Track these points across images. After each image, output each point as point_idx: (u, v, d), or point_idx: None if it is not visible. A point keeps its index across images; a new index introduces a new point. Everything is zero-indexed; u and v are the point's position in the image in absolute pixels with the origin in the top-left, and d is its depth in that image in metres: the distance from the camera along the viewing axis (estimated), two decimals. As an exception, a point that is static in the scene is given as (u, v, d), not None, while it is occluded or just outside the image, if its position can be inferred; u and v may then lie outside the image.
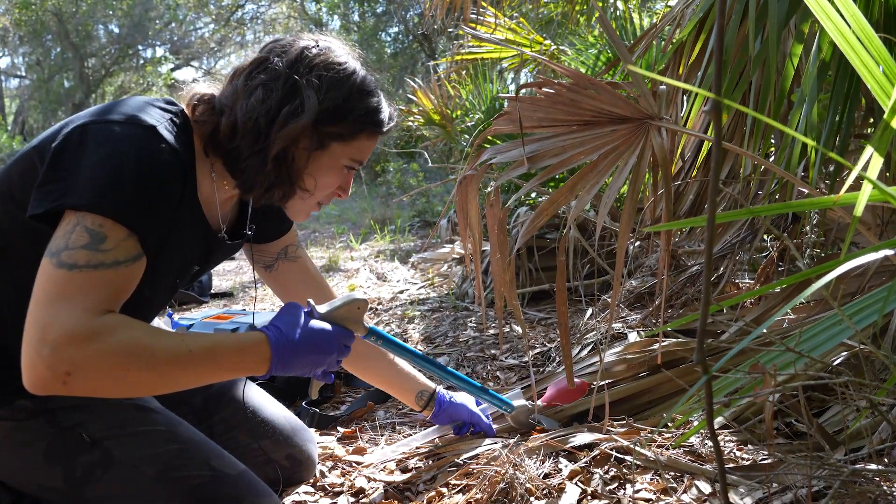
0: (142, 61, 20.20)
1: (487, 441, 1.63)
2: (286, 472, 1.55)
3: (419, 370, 1.71)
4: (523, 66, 4.62)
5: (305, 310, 1.29)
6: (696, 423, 1.60)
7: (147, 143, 1.12)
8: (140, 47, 19.46)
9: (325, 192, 1.35)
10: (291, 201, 1.32)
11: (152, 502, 1.23)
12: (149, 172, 1.10)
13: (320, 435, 1.90)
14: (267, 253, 1.61)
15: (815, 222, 2.12)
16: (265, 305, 3.88)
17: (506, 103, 1.43)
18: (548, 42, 4.30)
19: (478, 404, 1.75)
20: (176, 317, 2.70)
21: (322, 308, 1.31)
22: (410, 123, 5.92)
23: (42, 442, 1.24)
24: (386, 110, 1.35)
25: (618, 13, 4.16)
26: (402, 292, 4.00)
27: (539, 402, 1.75)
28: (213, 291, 4.44)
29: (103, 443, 1.25)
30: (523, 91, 1.50)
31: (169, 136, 1.16)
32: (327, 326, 1.25)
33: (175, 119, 1.22)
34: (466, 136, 5.09)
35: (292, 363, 1.18)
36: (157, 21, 18.95)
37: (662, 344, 1.85)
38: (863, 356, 1.39)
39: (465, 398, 1.72)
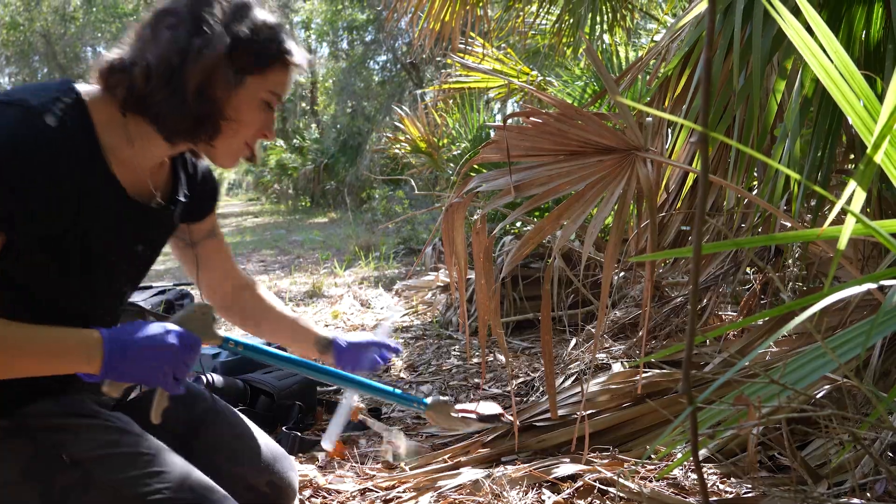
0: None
1: (469, 471, 1.61)
2: (267, 499, 1.52)
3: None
4: (510, 96, 4.67)
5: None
6: (679, 455, 1.60)
7: (20, 125, 1.13)
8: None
9: (250, 132, 1.33)
10: (219, 143, 1.30)
11: None
12: (12, 154, 1.11)
13: (300, 462, 1.88)
14: (198, 231, 1.59)
15: (797, 256, 2.14)
16: (247, 330, 3.85)
17: (492, 132, 1.44)
18: (534, 73, 4.36)
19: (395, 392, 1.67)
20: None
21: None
22: (397, 151, 5.94)
23: (20, 460, 1.22)
24: (293, 41, 1.34)
25: (604, 46, 4.22)
26: (385, 319, 3.98)
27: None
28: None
29: (83, 464, 1.22)
30: (511, 120, 1.51)
31: (51, 119, 1.16)
32: (169, 325, 1.24)
33: (64, 98, 1.21)
34: (452, 165, 5.11)
35: (129, 358, 1.17)
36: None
37: (646, 375, 1.85)
38: (845, 390, 1.39)
39: (361, 335, 1.70)
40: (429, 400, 1.54)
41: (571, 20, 4.17)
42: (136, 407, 1.50)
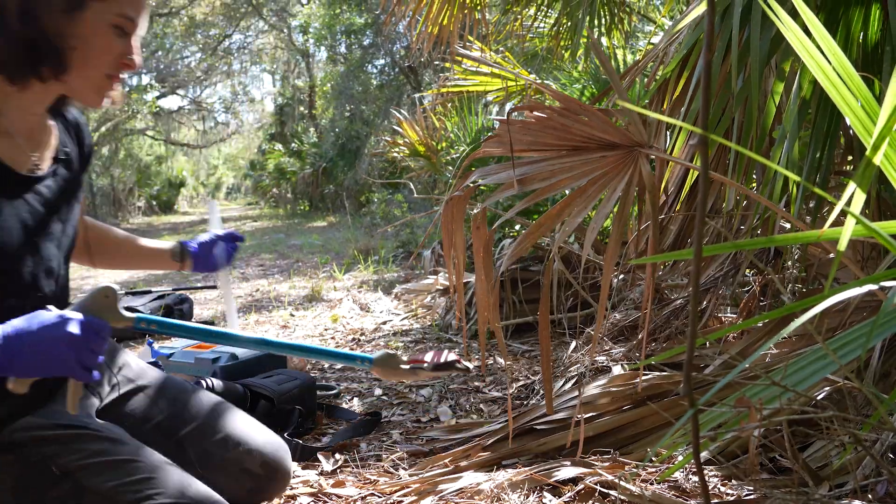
0: (127, 88, 20.19)
1: (470, 475, 1.61)
2: (261, 481, 1.51)
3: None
4: (508, 99, 4.67)
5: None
6: (680, 458, 1.60)
7: None
8: (126, 75, 19.41)
9: (105, 61, 1.27)
10: (73, 79, 1.25)
11: None
12: None
13: (302, 468, 1.87)
14: None
15: (796, 257, 2.14)
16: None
17: (496, 125, 1.44)
18: (532, 76, 4.36)
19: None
20: (157, 345, 2.66)
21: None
22: (395, 154, 5.94)
23: (11, 474, 1.21)
24: None
25: (602, 49, 4.23)
26: (385, 323, 3.98)
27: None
28: (193, 320, 4.40)
29: (74, 474, 1.22)
30: (514, 114, 1.51)
31: None
32: (68, 313, 1.17)
33: None
34: (451, 168, 5.11)
35: (25, 352, 1.10)
36: (144, 49, 18.99)
37: (646, 377, 1.85)
38: (846, 391, 1.39)
39: (205, 235, 1.74)
40: (374, 356, 1.49)
41: (569, 23, 4.18)
42: (117, 410, 1.49)
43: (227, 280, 1.79)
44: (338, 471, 1.86)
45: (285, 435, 2.02)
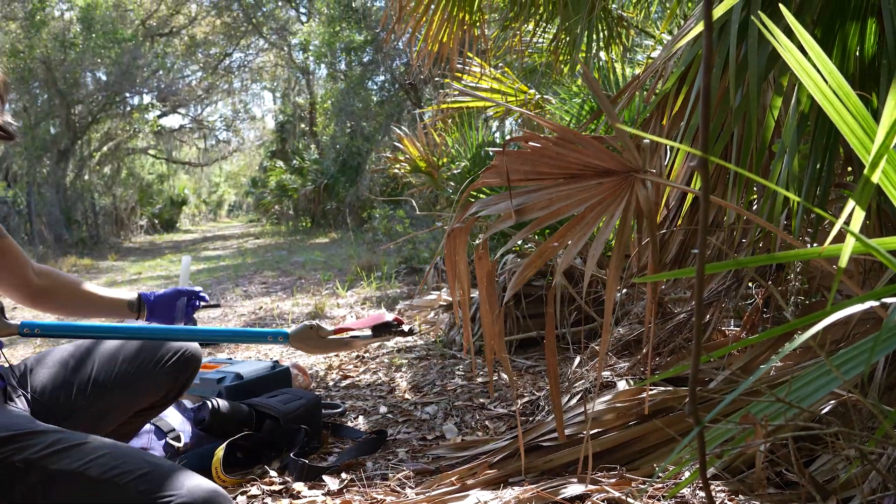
0: (129, 108, 20.28)
1: (477, 493, 1.61)
2: (180, 362, 1.66)
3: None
4: (508, 115, 4.70)
5: None
6: (687, 474, 1.60)
7: None
8: (127, 94, 19.51)
9: None
10: None
11: (106, 498, 1.23)
12: None
13: (309, 488, 1.87)
14: None
15: (798, 270, 2.14)
16: (251, 354, 3.84)
17: (493, 152, 1.45)
18: (532, 91, 4.38)
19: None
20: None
21: None
22: (396, 171, 5.96)
23: None
24: None
25: (600, 63, 4.25)
26: (389, 340, 3.98)
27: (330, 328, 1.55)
28: (197, 339, 4.40)
29: (38, 463, 1.25)
30: (510, 144, 1.52)
31: None
32: None
33: None
34: (452, 184, 5.13)
35: None
36: (145, 69, 19.08)
37: (651, 393, 1.85)
38: (850, 404, 1.40)
39: (168, 289, 1.82)
40: (290, 330, 1.41)
41: (568, 38, 4.20)
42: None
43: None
44: (344, 490, 1.86)
45: (291, 455, 2.02)
